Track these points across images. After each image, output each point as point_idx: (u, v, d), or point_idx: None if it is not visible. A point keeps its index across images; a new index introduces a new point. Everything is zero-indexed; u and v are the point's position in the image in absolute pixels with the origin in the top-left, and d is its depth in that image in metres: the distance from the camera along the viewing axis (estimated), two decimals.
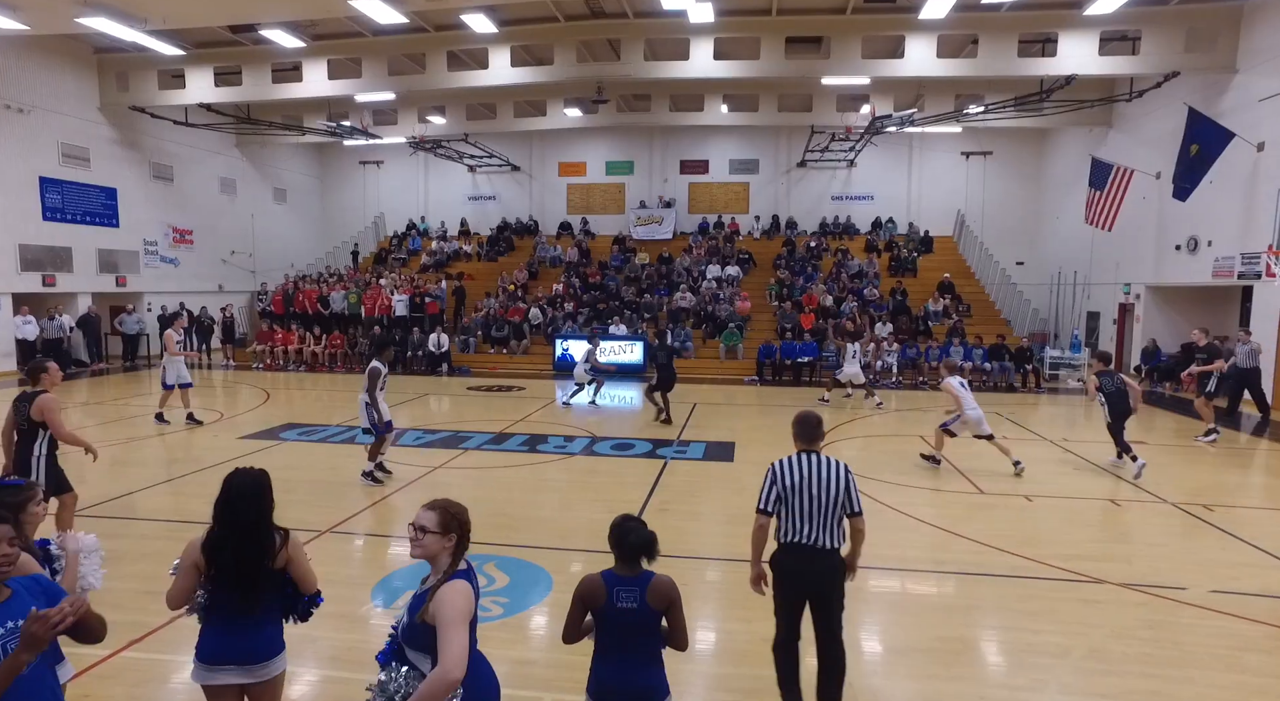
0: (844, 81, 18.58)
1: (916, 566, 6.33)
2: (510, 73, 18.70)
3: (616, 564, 2.99)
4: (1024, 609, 5.45)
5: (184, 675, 4.52)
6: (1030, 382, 17.61)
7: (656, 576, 2.98)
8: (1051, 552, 6.53)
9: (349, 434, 11.39)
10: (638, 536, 2.96)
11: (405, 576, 5.91)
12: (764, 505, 3.91)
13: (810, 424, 4.02)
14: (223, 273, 24.60)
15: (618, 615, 2.93)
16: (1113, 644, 4.91)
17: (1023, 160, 25.72)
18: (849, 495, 3.86)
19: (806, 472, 3.86)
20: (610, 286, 22.96)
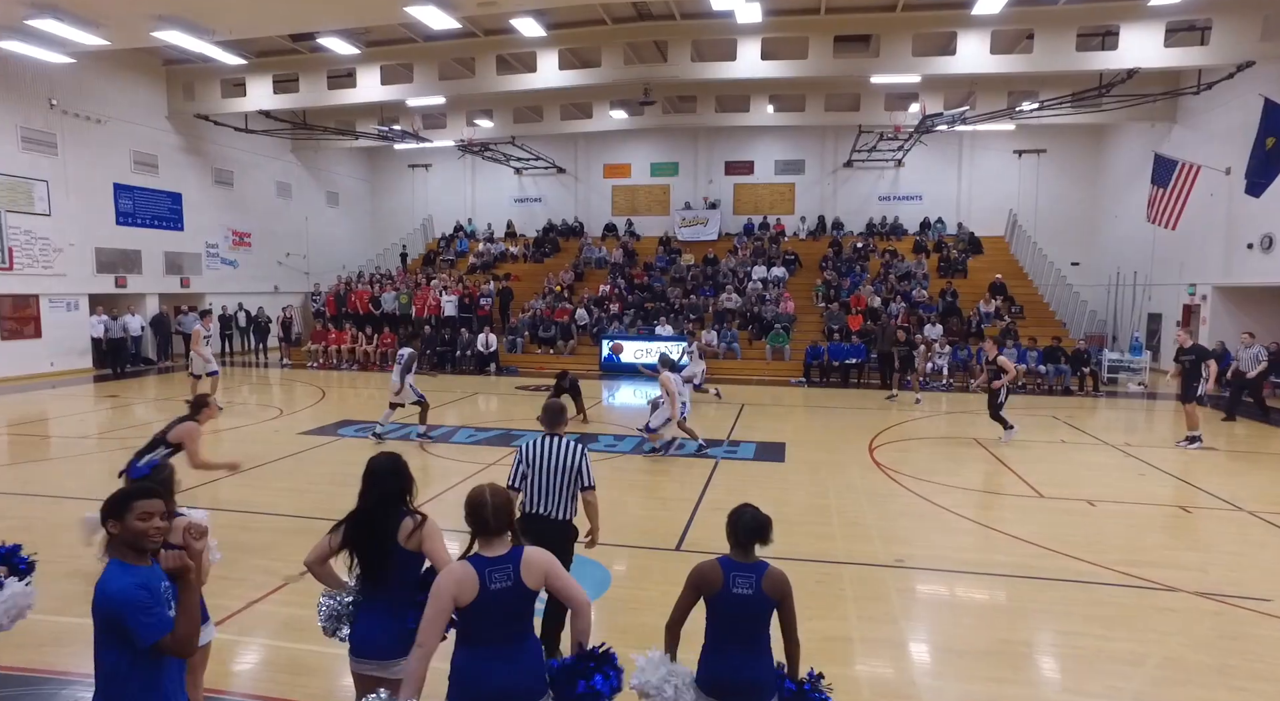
0: (893, 80, 18.31)
1: (974, 569, 6.22)
2: (558, 76, 18.90)
3: (732, 550, 3.04)
4: (1092, 614, 5.31)
5: (255, 656, 4.71)
6: (1088, 386, 17.11)
7: (772, 566, 3.03)
8: (1118, 558, 6.36)
9: (404, 431, 11.64)
10: (751, 519, 3.03)
11: None
12: (510, 480, 4.34)
13: (550, 412, 4.63)
14: (278, 274, 25.37)
15: (733, 601, 2.94)
16: (1190, 653, 4.76)
17: (1079, 158, 25.00)
18: (579, 471, 4.31)
19: (545, 450, 4.34)
20: (656, 287, 23.02)
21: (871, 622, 5.18)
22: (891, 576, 6.02)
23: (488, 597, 2.70)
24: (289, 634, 4.96)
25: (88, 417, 13.30)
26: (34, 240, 17.41)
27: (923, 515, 7.75)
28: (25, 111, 17.31)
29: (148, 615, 2.32)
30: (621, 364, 19.43)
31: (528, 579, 2.77)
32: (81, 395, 15.64)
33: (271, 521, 7.38)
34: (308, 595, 5.46)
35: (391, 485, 3.09)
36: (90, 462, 9.79)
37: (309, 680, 4.41)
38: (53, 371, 17.84)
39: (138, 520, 2.40)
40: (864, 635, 4.99)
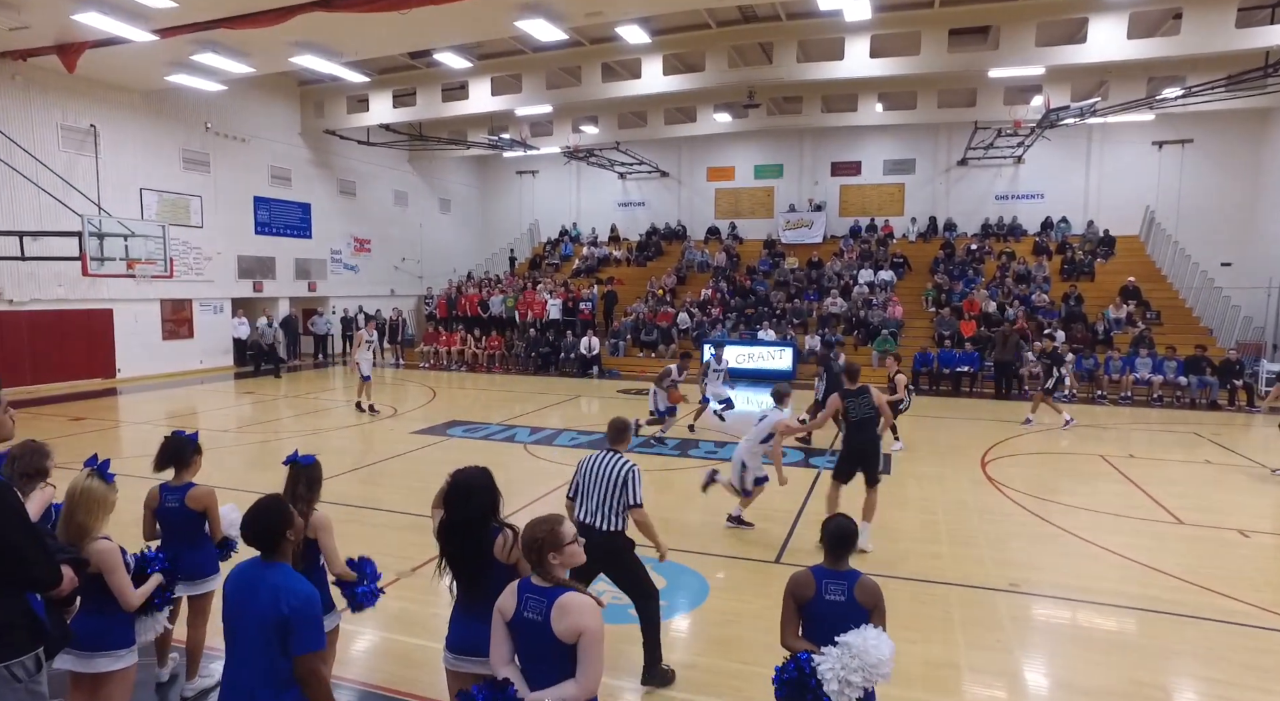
0: (1015, 72, 17.25)
1: (1099, 598, 5.76)
2: (662, 81, 19.01)
3: (825, 559, 3.18)
4: (1246, 662, 4.79)
5: (365, 646, 4.98)
6: (1239, 400, 15.50)
7: (865, 575, 3.13)
8: (1277, 599, 5.72)
9: (509, 433, 12.04)
10: (836, 527, 3.17)
11: None
12: (569, 491, 4.63)
13: (614, 428, 4.72)
14: (394, 278, 26.83)
15: (826, 608, 3.05)
16: None
17: (1233, 147, 22.64)
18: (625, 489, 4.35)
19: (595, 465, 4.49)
20: (759, 291, 22.73)
21: (981, 650, 4.91)
22: (1005, 601, 5.68)
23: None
24: (399, 627, 5.22)
25: (229, 411, 14.53)
26: (189, 250, 19.22)
27: (1040, 536, 7.27)
28: (186, 135, 19.28)
29: None
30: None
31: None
32: (225, 391, 17.13)
33: (386, 517, 7.79)
34: (418, 590, 5.76)
35: (483, 501, 3.19)
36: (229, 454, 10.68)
37: (416, 672, 4.63)
38: (202, 369, 19.65)
39: None
40: (973, 663, 4.74)
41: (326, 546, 3.70)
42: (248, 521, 2.76)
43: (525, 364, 21.40)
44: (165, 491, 4.11)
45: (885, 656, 2.82)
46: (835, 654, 2.85)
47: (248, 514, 2.79)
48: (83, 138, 16.85)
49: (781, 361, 18.71)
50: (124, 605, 3.34)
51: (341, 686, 4.39)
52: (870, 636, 2.88)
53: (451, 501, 3.21)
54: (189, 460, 4.14)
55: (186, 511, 4.00)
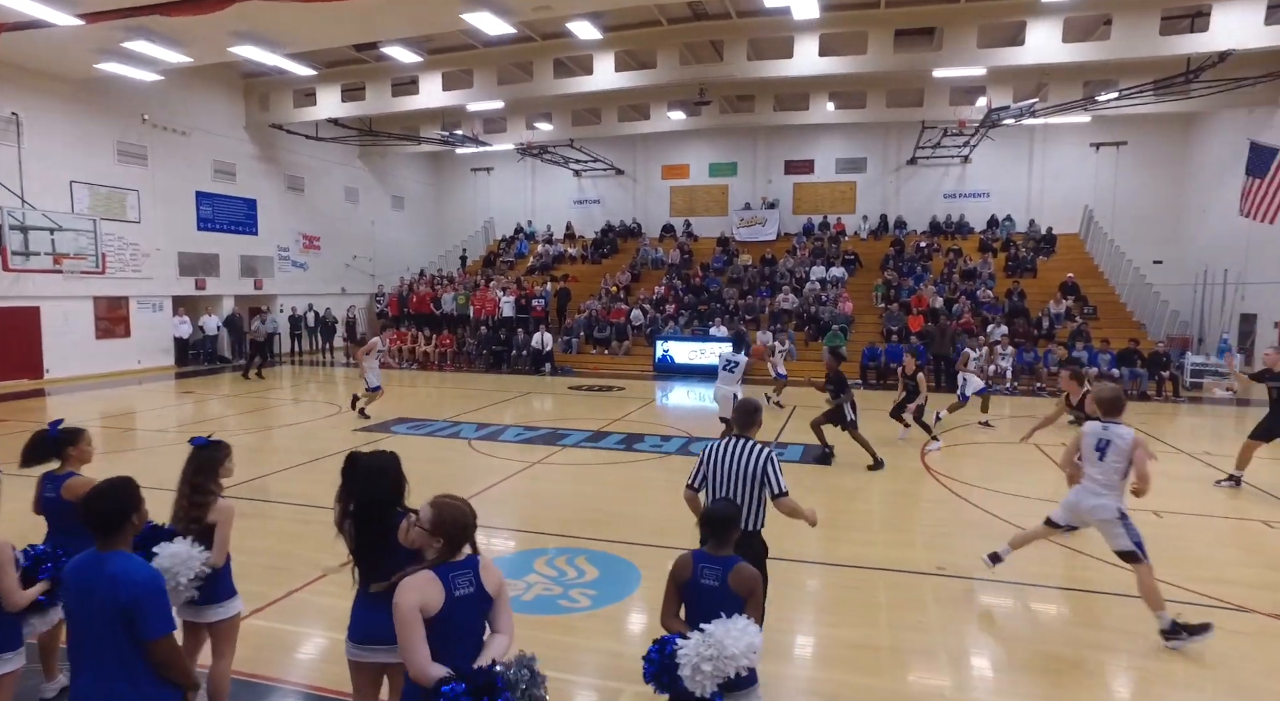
0: (958, 73, 17.67)
1: (1021, 579, 5.93)
2: (614, 77, 19.00)
3: (709, 543, 3.14)
4: (1150, 632, 4.97)
5: (298, 643, 4.88)
6: (1166, 391, 16.13)
7: (743, 563, 3.07)
8: (1185, 574, 5.95)
9: (454, 429, 11.91)
10: (711, 511, 3.16)
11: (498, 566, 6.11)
12: (691, 480, 4.14)
13: (743, 411, 4.24)
14: (345, 276, 26.33)
15: (700, 592, 3.03)
16: (1263, 681, 4.41)
17: (1163, 149, 23.59)
18: (768, 477, 3.95)
19: (727, 454, 4.03)
20: (712, 288, 22.88)
21: (903, 631, 5.01)
22: (930, 584, 5.81)
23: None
24: (323, 622, 5.12)
25: (167, 412, 14.09)
26: (125, 246, 18.57)
27: (972, 522, 7.45)
28: (122, 127, 18.60)
29: None
30: (676, 365, 19.37)
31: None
32: (164, 391, 16.59)
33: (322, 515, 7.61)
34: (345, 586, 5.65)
35: (388, 483, 3.13)
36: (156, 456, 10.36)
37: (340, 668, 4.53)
38: (140, 369, 19.01)
39: None
40: (894, 644, 4.83)
41: (218, 536, 3.59)
42: (87, 501, 2.64)
43: (477, 361, 21.19)
44: (46, 480, 3.92)
45: (742, 649, 2.75)
46: (696, 640, 2.79)
47: (89, 493, 2.68)
48: (3, 127, 16.13)
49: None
50: (8, 605, 3.21)
51: (283, 690, 4.28)
52: (735, 627, 2.80)
53: (357, 483, 3.13)
54: (60, 452, 3.91)
55: (63, 502, 3.81)
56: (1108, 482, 4.98)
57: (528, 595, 5.52)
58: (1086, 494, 5.12)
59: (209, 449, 3.67)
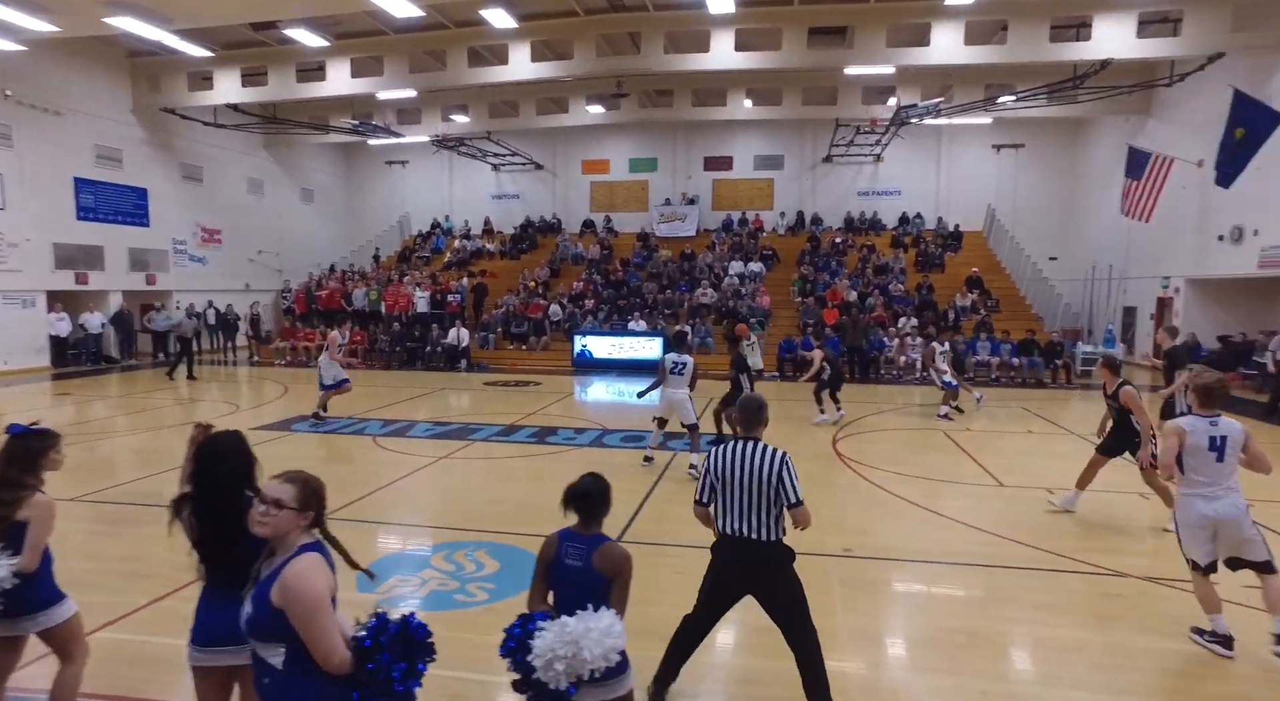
0: (868, 71, 18.17)
1: (923, 557, 6.02)
2: (530, 68, 18.65)
3: (578, 521, 2.98)
4: (1039, 602, 5.12)
5: (157, 655, 4.44)
6: (1060, 378, 17.02)
7: (611, 542, 2.91)
8: (1071, 546, 6.18)
9: (359, 426, 11.38)
10: (577, 486, 2.96)
11: (392, 562, 5.79)
12: (699, 495, 3.77)
13: (747, 409, 3.79)
14: (250, 271, 24.97)
15: (564, 572, 2.88)
16: (1135, 639, 4.58)
17: (1056, 152, 24.97)
18: (783, 485, 3.53)
19: (737, 460, 3.62)
20: (632, 283, 22.80)
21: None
22: (836, 566, 5.82)
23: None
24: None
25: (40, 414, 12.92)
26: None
27: (878, 504, 7.57)
28: None
29: None
30: (595, 360, 19.18)
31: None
32: (36, 394, 15.25)
33: None
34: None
35: (235, 465, 2.81)
36: None
37: None
38: (7, 370, 17.38)
39: None
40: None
41: (30, 536, 3.16)
42: None
43: (390, 358, 20.45)
44: None
45: (599, 653, 2.58)
46: (554, 634, 2.62)
47: None
48: None
49: (651, 350, 18.79)
50: None
51: None
52: (597, 627, 2.61)
53: (200, 466, 2.82)
54: None
55: None
56: (1232, 483, 4.36)
57: (421, 591, 5.23)
58: (1219, 504, 4.33)
59: (23, 438, 3.21)
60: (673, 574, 5.62)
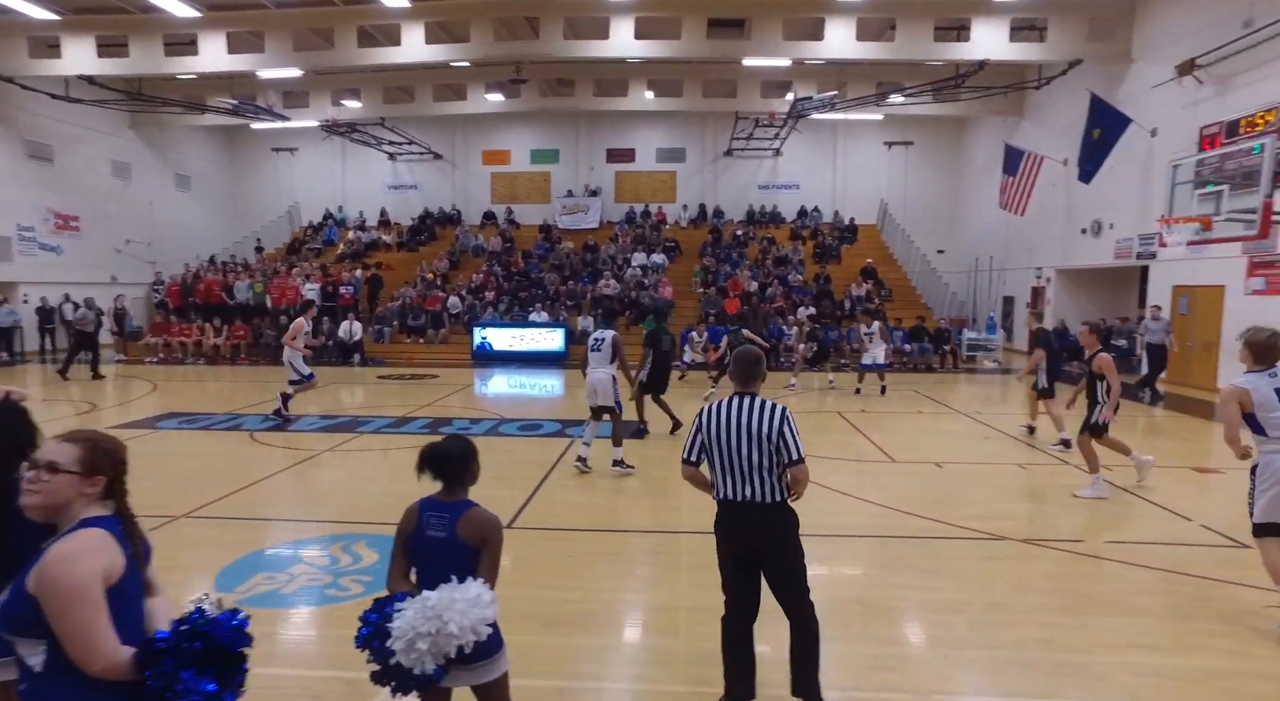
0: (766, 63, 18.50)
1: (816, 531, 6.02)
2: (425, 50, 17.93)
3: (440, 489, 2.68)
4: (925, 568, 5.23)
5: None
6: (948, 363, 17.89)
7: (477, 508, 2.61)
8: (956, 514, 6.37)
9: (235, 422, 10.56)
10: (435, 447, 2.65)
11: (258, 560, 5.31)
12: (686, 453, 3.44)
13: (744, 362, 3.45)
14: (117, 263, 22.91)
15: (426, 545, 2.57)
16: (1012, 597, 4.72)
17: (942, 150, 26.27)
18: (784, 440, 3.26)
19: (733, 418, 3.32)
20: (534, 274, 22.37)
21: (702, 590, 4.85)
22: None
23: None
24: None
25: None
26: None
27: None
28: None
29: None
30: (495, 352, 18.68)
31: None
32: None
33: None
34: None
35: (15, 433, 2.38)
36: None
37: None
38: None
39: None
40: (692, 603, 4.66)
41: None
42: None
43: (277, 354, 19.19)
44: None
45: (465, 625, 2.29)
46: (414, 611, 2.33)
47: None
48: None
49: (553, 342, 18.49)
50: None
51: None
52: (463, 598, 2.33)
53: None
54: None
55: None
56: None
57: (289, 588, 4.79)
58: None
59: None
60: (564, 558, 5.41)
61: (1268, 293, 13.02)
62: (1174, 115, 15.10)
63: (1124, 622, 4.35)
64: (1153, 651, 4.00)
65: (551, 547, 5.63)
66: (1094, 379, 7.02)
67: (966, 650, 4.05)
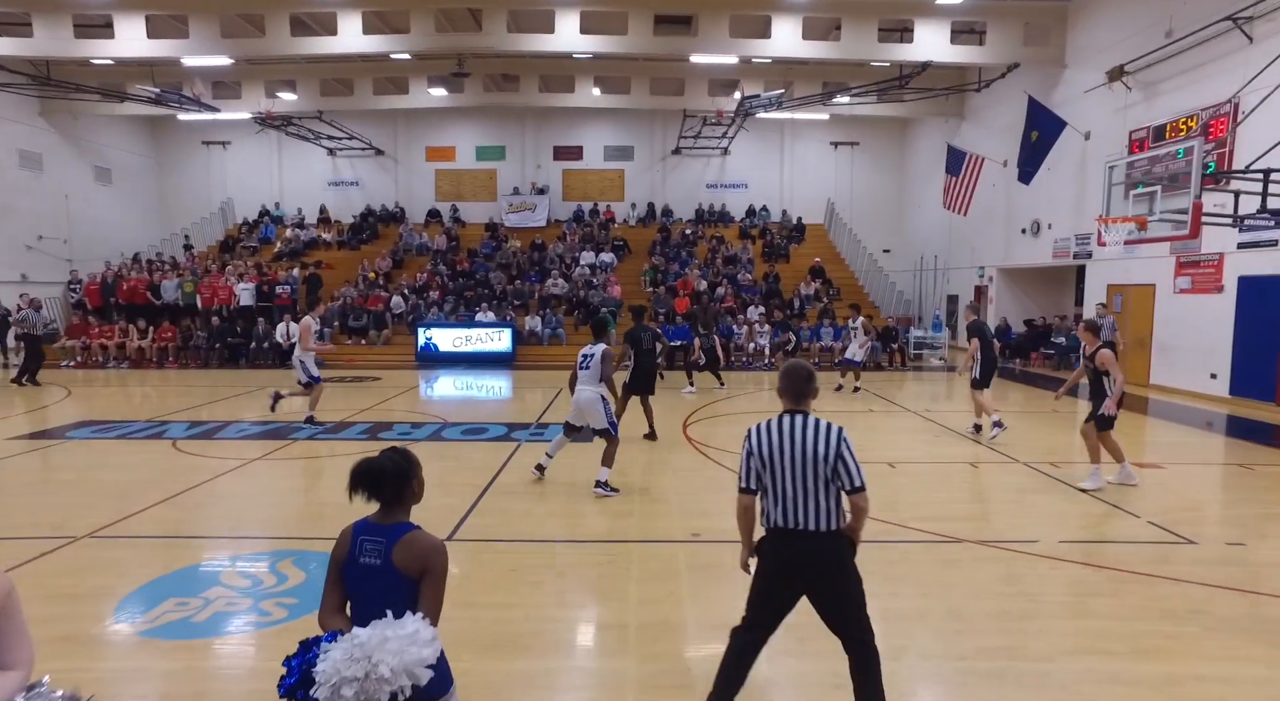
0: (713, 60, 18.36)
1: None
2: (362, 40, 17.30)
3: (377, 510, 2.36)
4: (884, 573, 5.06)
5: None
6: (896, 361, 18.09)
7: (416, 531, 2.30)
8: (912, 515, 6.27)
9: (158, 429, 9.88)
10: (364, 464, 2.32)
11: (169, 583, 4.84)
12: (743, 482, 3.17)
13: (797, 376, 3.16)
14: (28, 260, 21.44)
15: (361, 574, 2.26)
16: (971, 602, 4.60)
17: (887, 151, 26.64)
18: (844, 465, 3.01)
19: (785, 438, 3.06)
20: (479, 274, 21.84)
21: (653, 605, 4.61)
22: (685, 552, 5.53)
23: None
24: None
25: None
26: None
27: (727, 487, 7.37)
28: None
29: None
30: (440, 353, 18.13)
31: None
32: None
33: None
34: None
35: None
36: None
37: None
38: None
39: None
40: (642, 620, 4.40)
41: None
42: None
43: (208, 356, 18.30)
44: None
45: (399, 667, 2.00)
46: (342, 648, 2.04)
47: None
48: None
49: (500, 343, 18.05)
50: None
51: None
52: (397, 636, 2.04)
53: None
54: None
55: None
56: None
57: (202, 615, 4.36)
58: None
59: None
60: (507, 571, 5.10)
61: (1193, 291, 13.50)
62: (1106, 119, 15.55)
63: (1079, 626, 4.27)
64: (1111, 657, 3.91)
65: (492, 562, 5.30)
66: (1097, 374, 7.10)
67: (931, 661, 3.90)
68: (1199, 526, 6.14)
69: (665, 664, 3.92)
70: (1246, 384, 12.27)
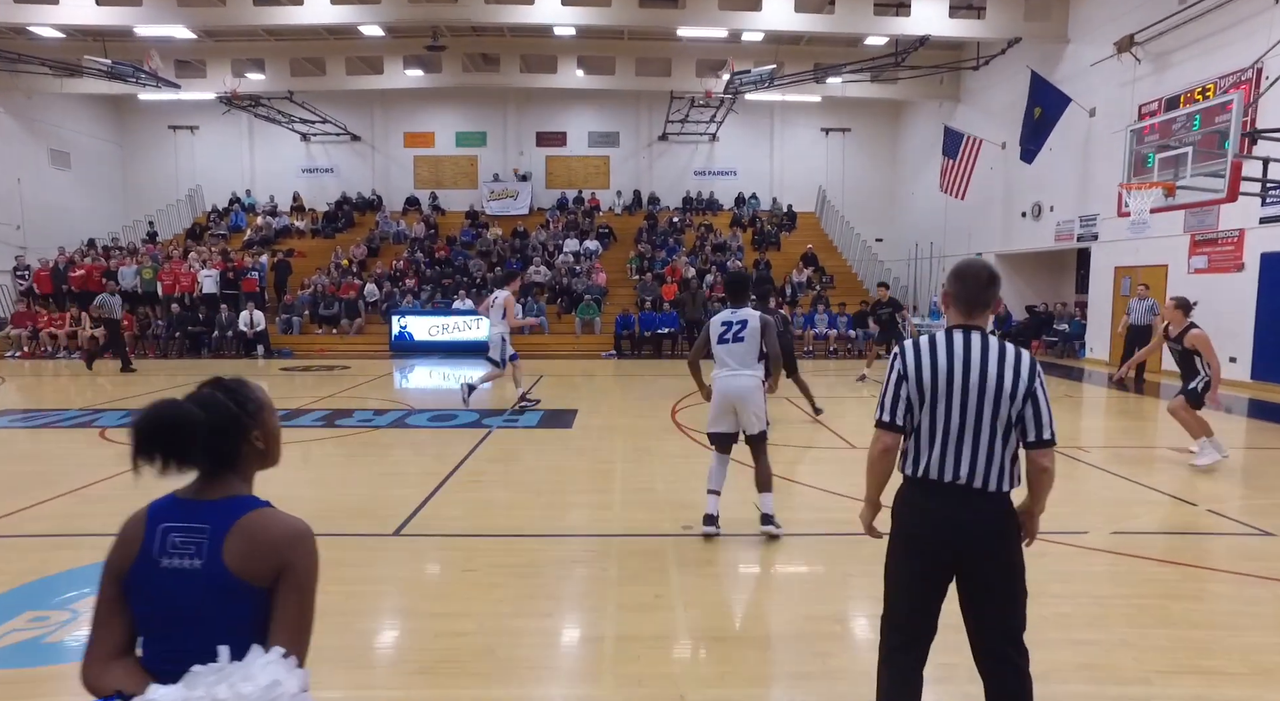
0: (701, 33, 17.56)
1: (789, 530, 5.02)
2: (330, 11, 16.35)
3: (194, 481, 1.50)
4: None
5: None
6: (893, 349, 17.33)
7: (265, 509, 1.46)
8: None
9: (90, 418, 8.91)
10: (158, 407, 1.45)
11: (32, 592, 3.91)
12: (887, 414, 2.31)
13: (973, 278, 2.32)
14: None
15: (162, 586, 1.40)
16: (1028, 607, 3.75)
17: (880, 136, 25.87)
18: (1034, 406, 2.19)
19: (957, 360, 2.21)
20: (457, 261, 20.88)
21: (635, 613, 3.74)
22: (674, 547, 4.67)
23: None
24: None
25: None
26: None
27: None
28: None
29: None
30: (415, 342, 17.17)
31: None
32: None
33: None
34: None
35: None
36: None
37: None
38: None
39: None
40: (621, 632, 3.53)
41: None
42: None
43: (168, 345, 17.26)
44: None
45: None
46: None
47: None
48: None
49: (478, 331, 17.10)
50: None
51: None
52: (240, 694, 1.23)
53: None
54: None
55: None
56: None
57: (57, 634, 3.44)
58: None
59: None
60: (458, 573, 4.22)
61: (1209, 271, 12.80)
62: (1113, 93, 14.86)
63: (1174, 637, 3.44)
64: (1225, 678, 3.09)
65: (444, 559, 4.43)
66: (1186, 354, 6.59)
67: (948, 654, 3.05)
68: (1270, 517, 5.32)
69: (651, 689, 3.05)
70: (1271, 367, 11.54)
